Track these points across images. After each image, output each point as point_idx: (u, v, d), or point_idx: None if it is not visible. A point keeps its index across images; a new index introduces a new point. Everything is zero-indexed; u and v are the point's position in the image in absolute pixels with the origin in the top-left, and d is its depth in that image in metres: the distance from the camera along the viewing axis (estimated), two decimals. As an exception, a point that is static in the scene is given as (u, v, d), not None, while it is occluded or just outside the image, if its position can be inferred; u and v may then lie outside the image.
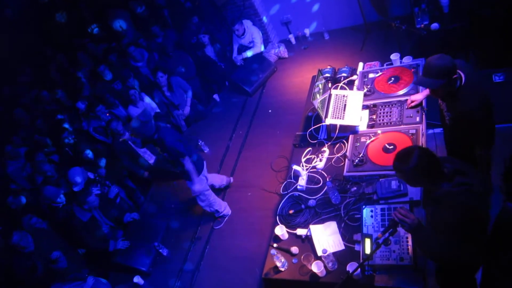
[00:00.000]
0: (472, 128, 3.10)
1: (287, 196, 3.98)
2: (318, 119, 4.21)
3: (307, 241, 3.52)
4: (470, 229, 2.36)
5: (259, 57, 6.98)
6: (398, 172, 2.53)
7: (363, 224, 3.21)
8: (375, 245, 2.68)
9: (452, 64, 2.86)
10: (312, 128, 4.35)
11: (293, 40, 7.32)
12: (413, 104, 3.86)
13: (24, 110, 7.30)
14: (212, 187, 5.18)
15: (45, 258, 4.55)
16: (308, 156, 4.19)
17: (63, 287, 4.39)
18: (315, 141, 4.26)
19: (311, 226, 3.53)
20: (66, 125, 6.37)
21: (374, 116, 4.03)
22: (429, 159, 2.43)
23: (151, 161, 6.20)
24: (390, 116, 3.94)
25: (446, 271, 2.96)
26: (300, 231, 3.58)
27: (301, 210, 3.76)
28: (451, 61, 2.86)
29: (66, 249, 4.89)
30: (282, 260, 3.38)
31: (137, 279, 4.82)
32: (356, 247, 3.23)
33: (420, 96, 3.83)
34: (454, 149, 3.64)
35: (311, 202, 3.75)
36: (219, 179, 5.37)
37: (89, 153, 5.99)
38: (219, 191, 5.42)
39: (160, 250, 5.06)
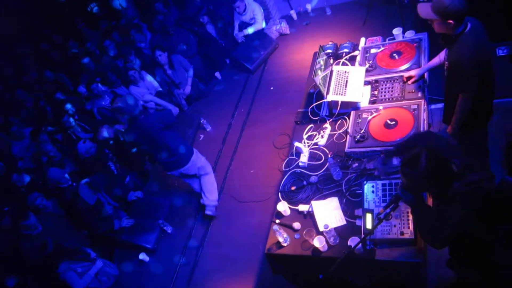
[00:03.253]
0: (459, 77, 3.15)
1: (289, 173, 4.00)
2: (320, 95, 4.20)
3: (309, 216, 3.55)
4: (469, 224, 2.32)
5: (260, 33, 6.92)
6: (408, 178, 2.35)
7: (364, 199, 3.23)
8: (377, 220, 2.70)
9: (455, 9, 2.88)
10: (314, 104, 4.33)
11: (294, 16, 7.23)
12: (411, 80, 3.83)
13: (25, 90, 7.31)
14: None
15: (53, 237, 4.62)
16: (309, 133, 4.19)
17: (71, 266, 4.47)
18: (317, 118, 4.25)
19: (313, 202, 3.55)
20: (68, 106, 6.36)
21: (375, 92, 4.01)
22: (437, 158, 2.24)
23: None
24: (392, 91, 3.92)
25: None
26: (302, 207, 3.61)
27: (303, 186, 3.78)
28: (455, 5, 2.88)
29: (72, 230, 4.97)
30: (285, 235, 3.42)
31: (142, 256, 4.92)
32: (357, 222, 3.25)
33: (414, 72, 3.81)
34: (448, 102, 3.63)
35: (313, 179, 3.76)
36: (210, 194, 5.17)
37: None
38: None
39: (165, 228, 5.14)
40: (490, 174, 2.44)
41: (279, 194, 3.87)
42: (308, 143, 4.10)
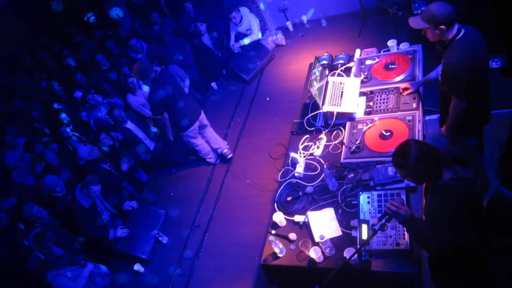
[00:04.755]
0: (449, 80, 3.24)
1: (285, 183, 4.00)
2: (316, 106, 4.22)
3: (305, 227, 3.55)
4: (460, 225, 2.37)
5: (256, 44, 6.95)
6: (400, 168, 2.48)
7: (360, 210, 3.24)
8: (372, 231, 2.71)
9: (442, 15, 3.02)
10: (310, 115, 4.35)
11: (290, 27, 7.28)
12: (407, 92, 3.87)
13: (22, 100, 7.29)
14: (214, 150, 5.65)
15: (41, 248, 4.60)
16: (305, 144, 4.21)
17: (60, 272, 4.43)
18: (313, 129, 4.27)
19: (309, 213, 3.56)
20: (63, 115, 6.35)
21: (371, 103, 4.04)
22: (426, 147, 2.40)
23: (151, 147, 6.25)
24: (387, 102, 3.95)
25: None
26: (298, 218, 3.61)
27: (298, 197, 3.79)
28: (443, 11, 3.02)
29: (62, 237, 4.93)
30: (280, 246, 3.41)
31: (137, 267, 4.88)
32: (353, 233, 3.26)
33: (410, 84, 3.86)
34: (443, 106, 3.69)
35: (309, 189, 3.77)
36: (222, 143, 5.70)
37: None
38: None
39: (160, 238, 5.10)
40: (486, 177, 2.46)
41: (275, 204, 3.87)
42: (304, 153, 4.12)
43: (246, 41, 6.99)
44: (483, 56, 3.26)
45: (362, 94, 4.15)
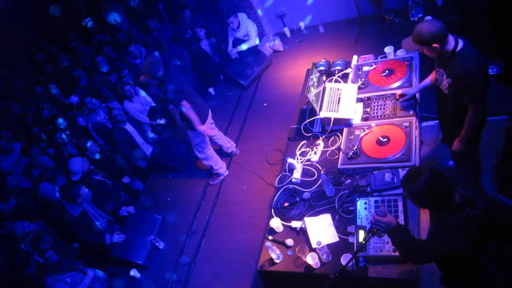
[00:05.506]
0: (469, 88, 3.14)
1: (282, 189, 4.00)
2: (313, 112, 4.23)
3: (302, 233, 3.55)
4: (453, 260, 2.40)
5: (254, 50, 6.97)
6: (404, 190, 2.48)
7: (357, 216, 3.25)
8: (359, 245, 2.73)
9: (430, 34, 2.99)
10: (307, 121, 4.36)
11: (288, 33, 7.31)
12: (404, 98, 3.87)
13: (19, 104, 7.27)
14: (220, 148, 5.58)
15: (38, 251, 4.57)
16: (302, 149, 4.21)
17: (60, 277, 4.40)
18: (310, 134, 4.28)
19: (306, 219, 3.56)
20: (60, 120, 6.33)
21: (368, 109, 4.05)
22: (439, 185, 2.34)
23: (148, 152, 6.24)
24: (384, 109, 3.96)
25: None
26: (295, 224, 3.61)
27: (296, 202, 3.79)
28: (431, 31, 2.98)
29: (58, 243, 4.90)
30: (277, 252, 3.41)
31: (133, 272, 4.85)
32: (350, 239, 3.26)
33: (407, 91, 3.86)
34: (445, 122, 3.66)
35: (306, 195, 3.77)
36: (227, 142, 5.61)
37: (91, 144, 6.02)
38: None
39: (156, 244, 5.08)
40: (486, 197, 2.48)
41: (272, 210, 3.87)
42: (301, 159, 4.12)
43: (244, 46, 7.01)
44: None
45: (359, 100, 4.16)
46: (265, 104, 6.28)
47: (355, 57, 4.75)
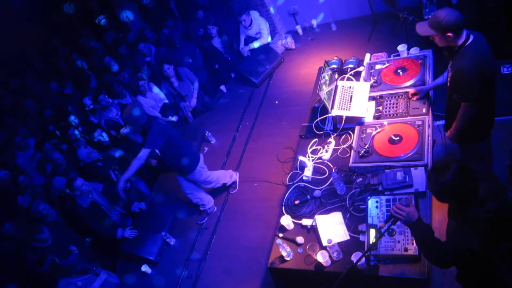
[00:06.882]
0: (461, 86, 3.20)
1: (293, 187, 4.00)
2: (325, 110, 4.22)
3: (313, 231, 3.54)
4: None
5: (266, 48, 6.97)
6: (431, 184, 2.40)
7: (368, 214, 3.23)
8: (378, 234, 2.70)
9: (449, 22, 2.99)
10: (319, 119, 4.35)
11: (300, 31, 7.30)
12: (416, 97, 3.85)
13: (33, 101, 7.36)
14: (224, 185, 5.31)
15: (56, 252, 4.61)
16: (314, 147, 4.20)
17: (71, 281, 4.46)
18: (321, 132, 4.26)
19: (317, 217, 3.55)
20: (72, 117, 6.42)
21: (380, 107, 4.03)
22: (467, 178, 2.29)
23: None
24: (396, 107, 3.93)
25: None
26: (306, 221, 3.60)
27: (306, 200, 3.79)
28: (450, 18, 2.98)
29: (77, 242, 4.96)
30: (288, 249, 3.41)
31: (145, 268, 4.90)
32: (361, 238, 3.24)
33: (419, 89, 3.84)
34: (449, 110, 3.65)
35: (317, 193, 3.77)
36: (228, 176, 5.35)
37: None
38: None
39: (168, 240, 5.13)
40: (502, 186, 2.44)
41: (283, 207, 3.87)
42: (312, 157, 4.11)
43: (256, 44, 7.02)
44: (491, 59, 3.23)
45: (371, 98, 4.14)
46: (276, 102, 6.28)
47: (367, 55, 4.73)
